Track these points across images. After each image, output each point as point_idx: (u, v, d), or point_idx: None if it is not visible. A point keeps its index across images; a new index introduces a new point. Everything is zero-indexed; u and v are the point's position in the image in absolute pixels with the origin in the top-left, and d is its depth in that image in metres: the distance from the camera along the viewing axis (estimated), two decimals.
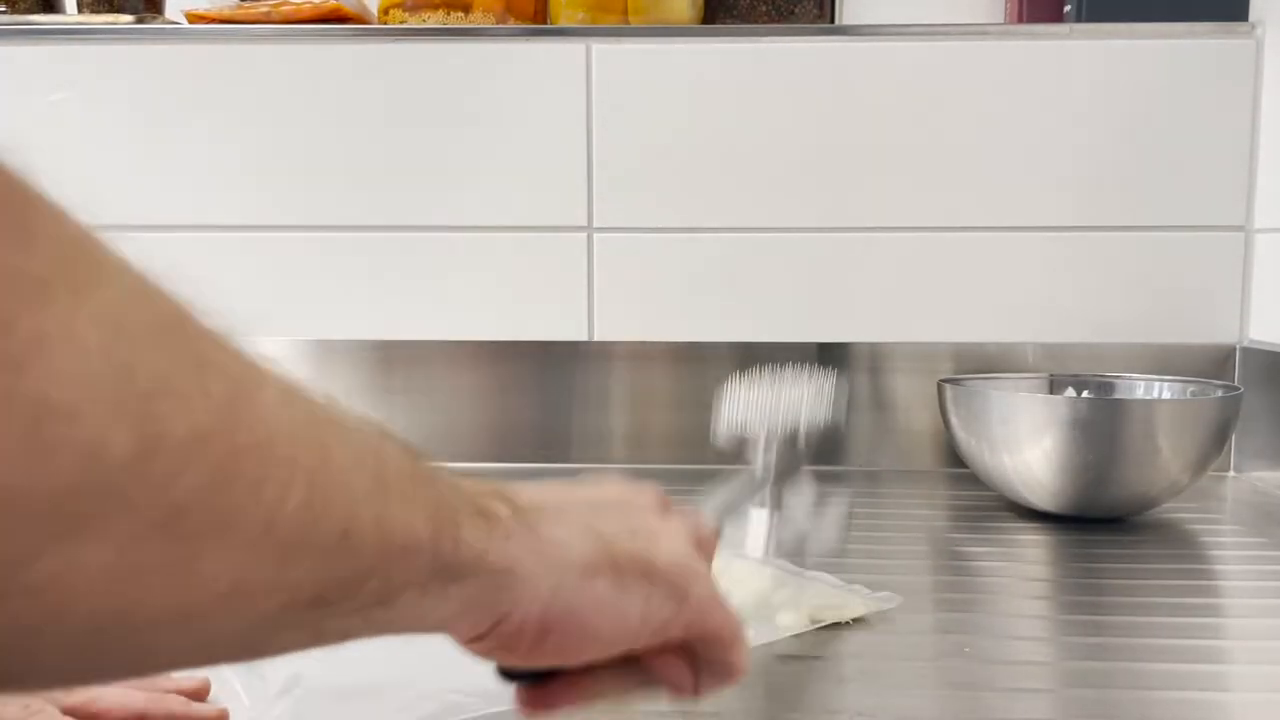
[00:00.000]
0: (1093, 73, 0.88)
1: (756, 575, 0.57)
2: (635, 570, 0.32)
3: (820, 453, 0.90)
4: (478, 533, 0.28)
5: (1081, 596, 0.57)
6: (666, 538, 0.35)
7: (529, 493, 0.32)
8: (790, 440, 0.51)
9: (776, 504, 0.50)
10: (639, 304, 0.91)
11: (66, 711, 0.40)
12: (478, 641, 0.30)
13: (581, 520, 0.32)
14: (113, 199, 0.91)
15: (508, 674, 0.35)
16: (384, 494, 0.25)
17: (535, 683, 0.35)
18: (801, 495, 0.51)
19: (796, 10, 0.92)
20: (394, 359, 0.91)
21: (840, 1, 0.95)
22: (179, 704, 0.41)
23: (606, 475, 0.38)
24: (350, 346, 0.91)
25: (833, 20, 0.93)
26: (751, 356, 0.90)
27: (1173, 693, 0.44)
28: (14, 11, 0.93)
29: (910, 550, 0.66)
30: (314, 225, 0.91)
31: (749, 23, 0.92)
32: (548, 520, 0.31)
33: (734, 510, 0.48)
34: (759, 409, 0.51)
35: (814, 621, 0.51)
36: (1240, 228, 0.89)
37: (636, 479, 0.38)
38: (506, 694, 0.42)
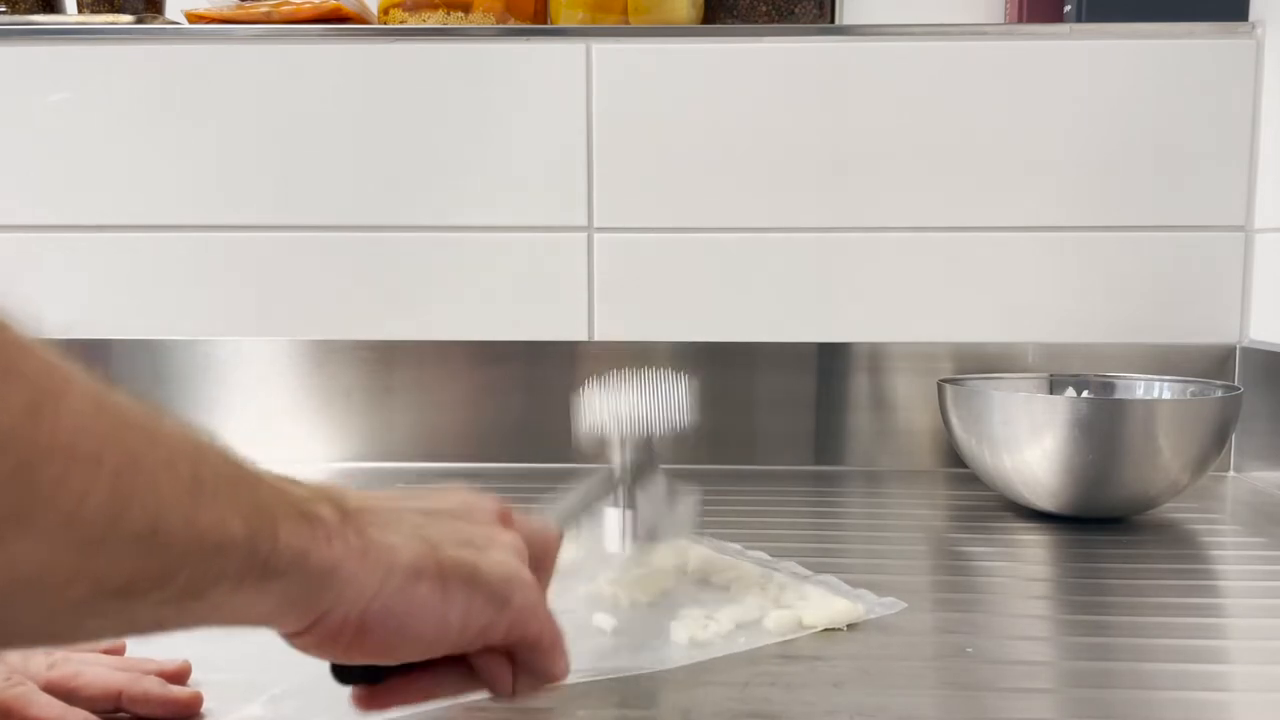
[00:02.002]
0: (1093, 73, 0.88)
1: (755, 578, 0.57)
2: (459, 577, 0.34)
3: (821, 453, 0.90)
4: (298, 534, 0.30)
5: (1082, 596, 0.57)
6: (497, 548, 0.36)
7: (365, 498, 0.34)
8: (645, 440, 0.55)
9: (630, 501, 0.54)
10: (639, 304, 0.91)
11: (45, 687, 0.40)
12: (299, 637, 0.32)
13: (411, 527, 0.34)
14: (112, 199, 0.91)
15: (341, 674, 0.36)
16: (196, 494, 0.27)
17: (369, 683, 0.37)
18: (654, 491, 0.55)
19: (796, 10, 0.92)
20: (394, 359, 0.91)
21: (840, 1, 0.95)
22: (155, 685, 0.42)
23: (451, 486, 0.39)
24: (350, 346, 0.91)
25: (833, 20, 0.93)
26: (752, 356, 0.90)
27: (1173, 693, 0.44)
28: (14, 11, 0.93)
29: (910, 550, 0.66)
30: (314, 225, 0.91)
31: (749, 23, 0.92)
32: (376, 525, 0.33)
33: (588, 508, 0.51)
34: (615, 410, 0.56)
35: (804, 627, 0.50)
36: (1240, 228, 0.89)
37: (480, 490, 0.39)
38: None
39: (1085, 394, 0.81)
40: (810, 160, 0.89)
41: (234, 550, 0.28)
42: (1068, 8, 0.90)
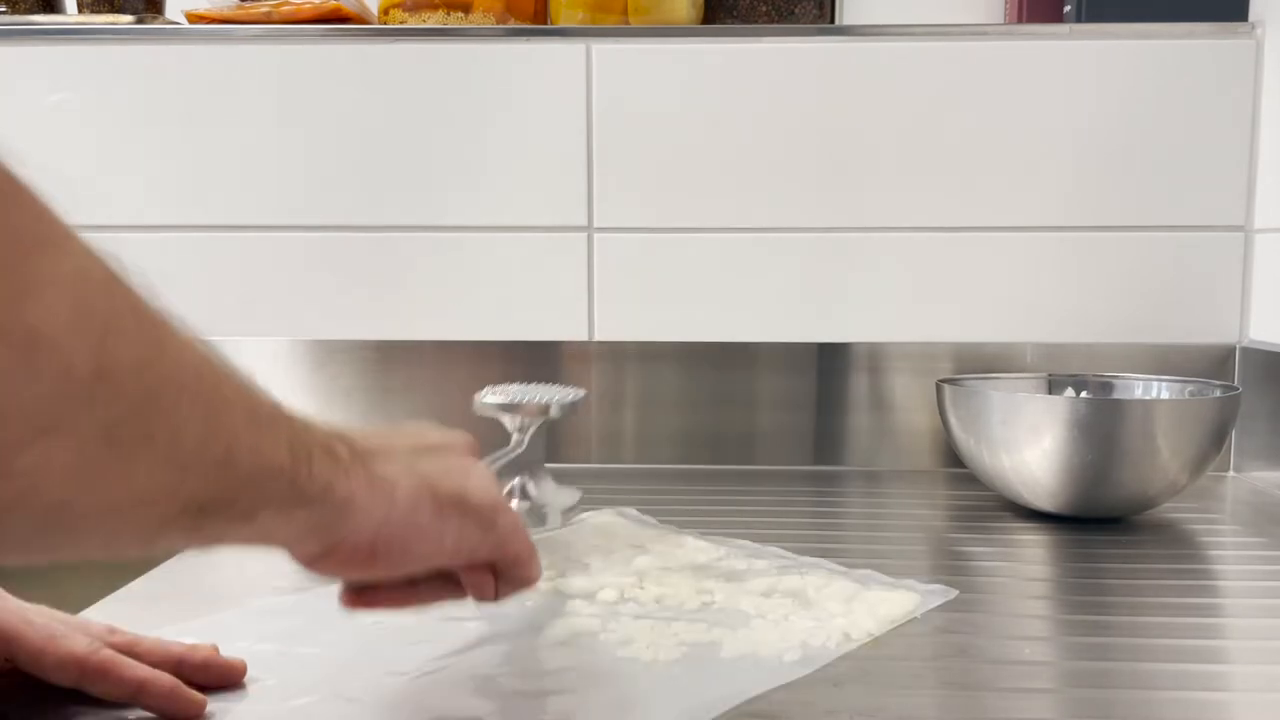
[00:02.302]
0: (1093, 73, 0.88)
1: (822, 582, 0.56)
2: (452, 503, 0.39)
3: (820, 453, 0.91)
4: (325, 467, 0.34)
5: (1081, 596, 0.57)
6: (476, 476, 0.41)
7: (361, 436, 0.38)
8: (541, 426, 0.61)
9: (525, 479, 0.59)
10: (639, 304, 0.91)
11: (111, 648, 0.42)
12: (316, 561, 0.36)
13: (406, 461, 0.38)
14: (112, 199, 0.91)
15: None
16: (256, 426, 0.31)
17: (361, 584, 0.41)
18: (542, 481, 0.60)
19: (796, 10, 0.92)
20: (394, 359, 0.91)
21: (840, 1, 0.95)
22: (212, 651, 0.44)
23: (423, 423, 0.44)
24: (350, 346, 0.91)
25: (833, 20, 0.93)
26: (752, 356, 0.90)
27: (1173, 693, 0.44)
28: (14, 11, 0.93)
29: (910, 550, 0.66)
30: (314, 225, 0.91)
31: (749, 23, 0.92)
32: (379, 460, 0.37)
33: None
34: (517, 395, 0.62)
35: (890, 623, 0.51)
36: (1240, 228, 0.89)
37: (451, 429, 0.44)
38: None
39: (1084, 394, 0.81)
40: (810, 160, 0.89)
41: (281, 478, 0.32)
42: (1067, 8, 0.90)
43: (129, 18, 0.91)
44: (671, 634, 0.49)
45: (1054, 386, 0.83)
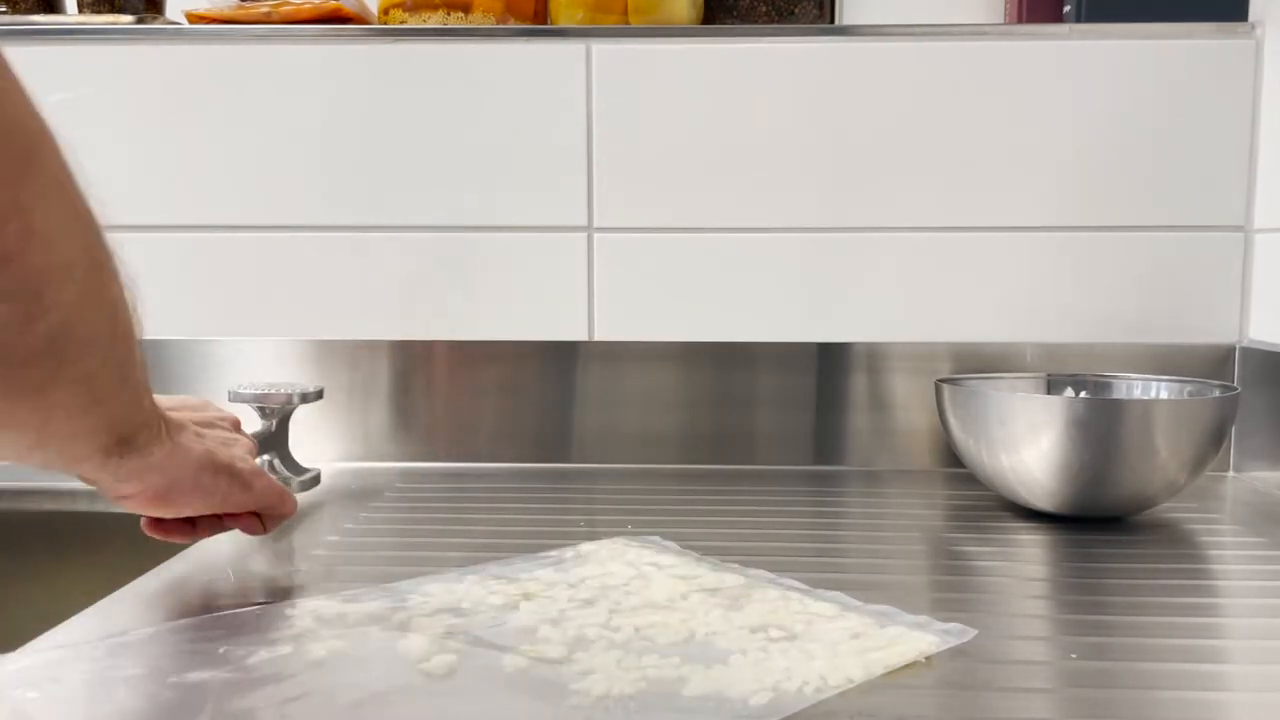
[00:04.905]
0: (1093, 73, 0.88)
1: (831, 620, 0.52)
2: (224, 470, 0.54)
3: (820, 453, 0.91)
4: (153, 430, 0.47)
5: (1080, 596, 0.57)
6: (239, 448, 0.58)
7: (169, 409, 0.51)
8: (288, 415, 0.79)
9: (273, 458, 0.78)
10: (639, 304, 0.91)
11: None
12: (127, 499, 0.50)
13: (194, 434, 0.53)
14: (112, 199, 0.91)
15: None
16: (146, 377, 0.45)
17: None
18: (289, 455, 0.81)
19: (796, 10, 0.92)
20: (394, 359, 0.91)
21: (840, 1, 0.95)
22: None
23: (202, 400, 0.63)
24: (350, 346, 0.91)
25: (833, 20, 0.93)
26: (752, 356, 0.90)
27: (1173, 693, 0.44)
28: (14, 11, 0.93)
29: (908, 550, 0.66)
30: (313, 225, 0.91)
31: (749, 23, 0.92)
32: (181, 432, 0.51)
33: None
34: (264, 389, 0.77)
35: (886, 668, 0.46)
36: (1240, 228, 0.89)
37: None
38: None
39: (1083, 394, 0.81)
40: (810, 160, 0.90)
41: (151, 427, 0.47)
42: (1067, 8, 0.90)
43: (129, 18, 0.91)
44: (638, 667, 0.45)
45: (1053, 386, 0.83)
